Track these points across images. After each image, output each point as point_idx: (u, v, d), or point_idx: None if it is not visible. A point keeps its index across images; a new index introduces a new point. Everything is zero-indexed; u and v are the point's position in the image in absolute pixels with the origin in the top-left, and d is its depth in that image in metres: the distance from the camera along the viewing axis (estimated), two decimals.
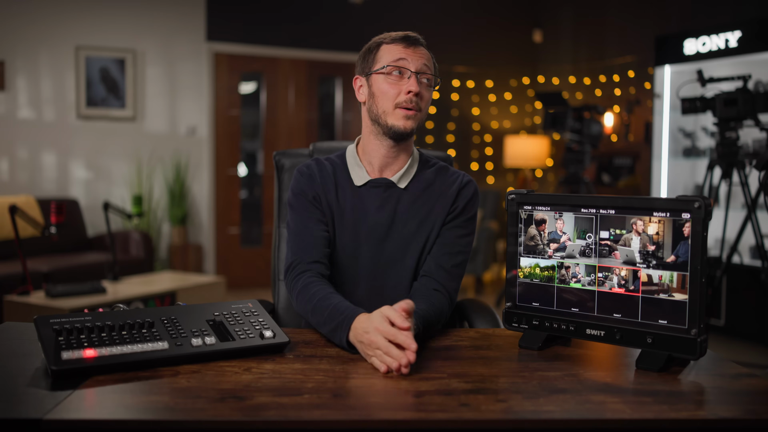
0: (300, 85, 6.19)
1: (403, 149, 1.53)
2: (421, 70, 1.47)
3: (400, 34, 1.50)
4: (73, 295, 3.39)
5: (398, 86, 1.46)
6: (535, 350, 1.26)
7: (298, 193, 1.54)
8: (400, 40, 1.49)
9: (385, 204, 1.52)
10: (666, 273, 1.14)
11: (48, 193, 5.43)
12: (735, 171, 3.51)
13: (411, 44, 1.48)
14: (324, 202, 1.53)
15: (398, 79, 1.47)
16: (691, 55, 4.62)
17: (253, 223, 6.26)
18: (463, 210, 1.54)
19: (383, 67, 1.47)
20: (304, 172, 1.56)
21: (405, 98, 1.45)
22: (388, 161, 1.53)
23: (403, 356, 1.10)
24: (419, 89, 1.45)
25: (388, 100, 1.47)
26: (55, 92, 5.48)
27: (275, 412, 0.94)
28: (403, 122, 1.47)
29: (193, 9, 5.78)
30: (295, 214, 1.53)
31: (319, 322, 1.32)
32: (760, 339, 4.04)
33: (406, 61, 1.46)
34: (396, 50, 1.48)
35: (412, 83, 1.45)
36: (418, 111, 1.48)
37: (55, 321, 1.14)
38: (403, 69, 1.46)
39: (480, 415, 0.94)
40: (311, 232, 1.49)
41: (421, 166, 1.58)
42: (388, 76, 1.47)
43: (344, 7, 6.07)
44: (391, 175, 1.54)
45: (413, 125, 1.48)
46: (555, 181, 6.48)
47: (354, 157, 1.57)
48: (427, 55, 1.50)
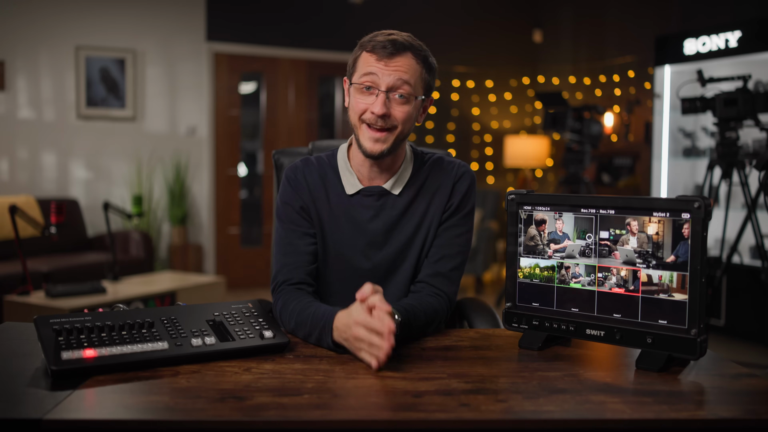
0: (300, 85, 6.20)
1: (387, 165, 1.45)
2: (393, 87, 1.35)
3: (382, 41, 1.36)
4: (73, 295, 3.39)
5: (366, 103, 1.37)
6: (535, 350, 1.26)
7: (285, 202, 1.48)
8: (377, 50, 1.35)
9: (380, 213, 1.46)
10: (666, 273, 1.14)
11: (48, 193, 5.43)
12: (735, 171, 3.51)
13: (386, 56, 1.35)
14: (313, 212, 1.47)
15: (368, 95, 1.37)
16: (691, 55, 4.62)
17: (253, 223, 6.26)
18: (459, 206, 1.48)
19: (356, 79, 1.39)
20: (292, 178, 1.49)
21: (369, 117, 1.36)
22: (374, 173, 1.46)
23: (384, 343, 1.10)
24: (385, 110, 1.34)
25: (355, 114, 1.39)
26: (55, 92, 5.48)
27: (275, 412, 0.94)
28: (370, 145, 1.38)
29: (193, 9, 5.78)
30: (282, 226, 1.48)
31: (306, 335, 1.29)
32: (760, 339, 4.04)
33: (375, 76, 1.35)
34: (369, 62, 1.36)
35: (378, 103, 1.34)
36: (390, 131, 1.37)
37: (55, 321, 1.14)
38: (371, 86, 1.36)
39: (480, 415, 0.94)
40: (296, 248, 1.44)
41: (416, 166, 1.50)
42: (359, 89, 1.38)
43: (344, 7, 6.07)
44: (383, 182, 1.47)
45: (382, 148, 1.38)
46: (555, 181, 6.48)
47: (345, 162, 1.49)
48: (407, 65, 1.36)
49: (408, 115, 1.38)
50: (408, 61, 1.36)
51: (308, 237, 1.46)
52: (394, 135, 1.39)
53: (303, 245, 1.45)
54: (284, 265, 1.44)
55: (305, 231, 1.47)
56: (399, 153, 1.47)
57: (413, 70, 1.37)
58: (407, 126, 1.40)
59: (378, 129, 1.37)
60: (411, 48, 1.37)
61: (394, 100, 1.37)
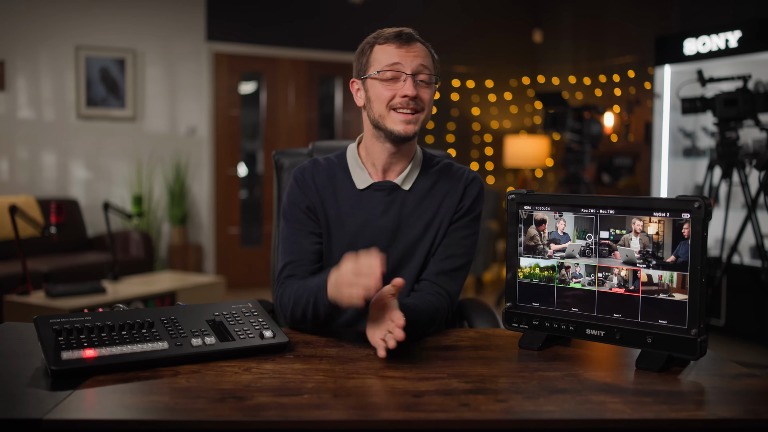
0: (300, 85, 6.20)
1: (405, 151, 1.49)
2: (417, 71, 1.41)
3: (393, 31, 1.43)
4: (73, 295, 3.39)
5: (393, 89, 1.41)
6: (535, 350, 1.26)
7: (292, 201, 1.51)
8: (393, 39, 1.41)
9: (390, 208, 1.48)
10: (666, 273, 1.14)
11: (48, 193, 5.43)
12: (735, 171, 3.51)
13: (405, 43, 1.41)
14: (320, 211, 1.49)
15: (394, 83, 1.41)
16: (691, 55, 4.62)
17: (253, 223, 6.26)
18: (470, 208, 1.51)
19: (378, 71, 1.42)
20: (299, 178, 1.52)
21: (400, 101, 1.40)
22: (391, 164, 1.49)
23: (370, 280, 1.14)
24: (416, 92, 1.40)
25: (382, 103, 1.42)
26: (55, 92, 5.48)
27: (275, 412, 0.94)
28: (403, 127, 1.41)
29: (193, 9, 5.78)
30: (288, 225, 1.50)
31: (306, 311, 1.33)
32: (760, 339, 4.03)
33: (400, 64, 1.40)
34: (389, 51, 1.41)
35: (408, 87, 1.39)
36: (420, 112, 1.42)
37: (55, 321, 1.14)
38: (397, 72, 1.40)
39: (480, 415, 0.94)
40: (301, 247, 1.47)
41: (425, 166, 1.54)
42: (382, 80, 1.42)
43: (344, 7, 6.07)
44: (394, 177, 1.50)
45: (415, 129, 1.43)
46: (555, 181, 6.48)
47: (355, 159, 1.52)
48: (423, 51, 1.43)
49: (431, 97, 1.45)
50: (422, 48, 1.44)
51: (314, 236, 1.48)
52: (423, 116, 1.44)
53: (308, 244, 1.47)
54: (288, 262, 1.46)
55: (311, 230, 1.49)
56: (412, 144, 1.51)
57: (427, 57, 1.45)
58: (429, 110, 1.46)
59: (409, 112, 1.42)
60: (418, 39, 1.45)
61: (419, 84, 1.42)
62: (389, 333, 1.17)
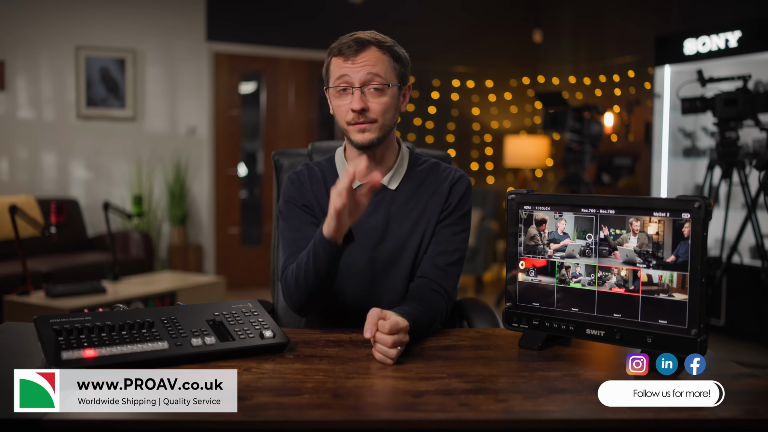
0: (300, 85, 6.20)
1: (380, 154, 1.50)
2: (365, 81, 1.39)
3: (344, 42, 1.41)
4: (73, 295, 3.39)
5: (345, 104, 1.42)
6: (535, 350, 1.26)
7: (288, 200, 1.53)
8: (341, 51, 1.41)
9: (378, 207, 1.50)
10: (666, 273, 1.14)
11: (48, 193, 5.43)
12: (735, 171, 3.51)
13: (353, 53, 1.40)
14: (317, 209, 1.51)
15: (345, 95, 1.42)
16: (691, 55, 4.62)
17: (253, 223, 6.26)
18: (457, 206, 1.52)
19: (331, 84, 1.43)
20: (294, 179, 1.54)
21: (351, 117, 1.41)
22: (371, 167, 1.48)
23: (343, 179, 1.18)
24: (362, 104, 1.39)
25: (340, 118, 1.44)
26: (55, 92, 5.48)
27: (275, 412, 0.94)
28: (360, 137, 1.43)
29: (193, 9, 5.78)
30: (286, 221, 1.52)
31: (308, 269, 1.33)
32: (760, 339, 4.03)
33: (347, 76, 1.40)
34: (338, 64, 1.42)
35: (354, 100, 1.40)
36: (371, 123, 1.42)
37: (55, 321, 1.14)
38: (346, 86, 1.41)
39: (480, 415, 0.94)
40: (304, 234, 1.47)
41: (411, 165, 1.55)
42: (336, 93, 1.43)
43: (344, 7, 6.07)
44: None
45: (372, 137, 1.43)
46: (555, 181, 6.48)
47: (342, 161, 1.55)
48: (374, 58, 1.40)
49: (386, 105, 1.43)
50: (374, 54, 1.41)
51: (314, 226, 1.49)
52: (377, 125, 1.43)
53: (311, 232, 1.47)
54: (292, 253, 1.46)
55: (311, 221, 1.50)
56: (390, 145, 1.51)
57: (381, 62, 1.42)
58: (388, 116, 1.44)
59: (360, 123, 1.42)
60: (374, 42, 1.42)
61: (370, 93, 1.41)
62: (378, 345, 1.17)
